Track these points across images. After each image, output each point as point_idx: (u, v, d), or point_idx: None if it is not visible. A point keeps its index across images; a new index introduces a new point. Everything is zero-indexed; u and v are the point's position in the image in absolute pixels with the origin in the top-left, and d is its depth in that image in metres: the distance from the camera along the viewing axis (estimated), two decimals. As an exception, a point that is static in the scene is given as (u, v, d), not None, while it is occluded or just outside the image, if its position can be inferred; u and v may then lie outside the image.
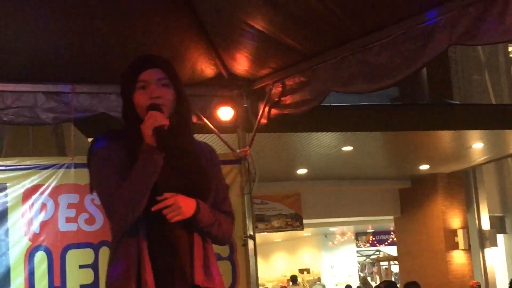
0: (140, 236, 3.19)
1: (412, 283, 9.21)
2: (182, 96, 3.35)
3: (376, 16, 4.38)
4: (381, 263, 28.40)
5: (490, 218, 19.26)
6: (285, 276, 28.70)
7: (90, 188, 3.34)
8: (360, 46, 4.61)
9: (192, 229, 3.26)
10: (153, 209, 3.14)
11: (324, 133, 13.09)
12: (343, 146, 14.31)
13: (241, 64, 5.44)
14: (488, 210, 19.18)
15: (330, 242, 28.37)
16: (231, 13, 4.92)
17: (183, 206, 3.19)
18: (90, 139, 3.28)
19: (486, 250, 18.80)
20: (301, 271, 28.50)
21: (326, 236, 28.28)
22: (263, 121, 5.73)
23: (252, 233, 5.89)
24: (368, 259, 30.57)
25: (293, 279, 24.02)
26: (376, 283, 27.98)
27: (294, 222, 17.84)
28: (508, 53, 21.34)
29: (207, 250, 3.34)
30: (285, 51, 5.06)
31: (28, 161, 5.17)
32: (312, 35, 4.80)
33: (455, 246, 17.93)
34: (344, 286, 24.94)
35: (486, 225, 18.95)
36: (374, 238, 28.90)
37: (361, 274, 29.22)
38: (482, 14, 3.82)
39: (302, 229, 18.46)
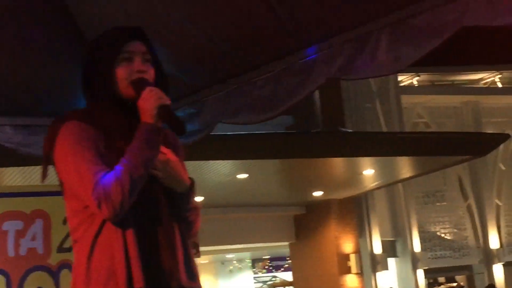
0: (127, 230, 2.78)
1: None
2: (164, 76, 3.10)
3: (260, 52, 4.60)
4: (278, 288, 28.57)
5: (382, 242, 19.74)
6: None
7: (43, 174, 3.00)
8: (245, 80, 4.82)
9: (175, 216, 2.95)
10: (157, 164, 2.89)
11: (220, 161, 13.26)
12: (238, 173, 14.50)
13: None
14: (380, 234, 19.67)
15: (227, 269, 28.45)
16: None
17: (184, 173, 3.09)
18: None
19: (378, 274, 19.28)
20: (198, 299, 28.38)
21: (223, 263, 28.36)
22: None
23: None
24: (264, 285, 30.75)
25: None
26: (273, 309, 28.24)
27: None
28: (398, 82, 22.05)
29: (187, 244, 2.98)
30: (177, 85, 5.22)
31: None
32: (202, 71, 4.99)
33: (348, 270, 18.33)
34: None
35: (378, 249, 19.44)
36: (270, 264, 29.14)
37: (258, 301, 29.38)
38: (356, 51, 4.07)
39: (199, 256, 18.46)
